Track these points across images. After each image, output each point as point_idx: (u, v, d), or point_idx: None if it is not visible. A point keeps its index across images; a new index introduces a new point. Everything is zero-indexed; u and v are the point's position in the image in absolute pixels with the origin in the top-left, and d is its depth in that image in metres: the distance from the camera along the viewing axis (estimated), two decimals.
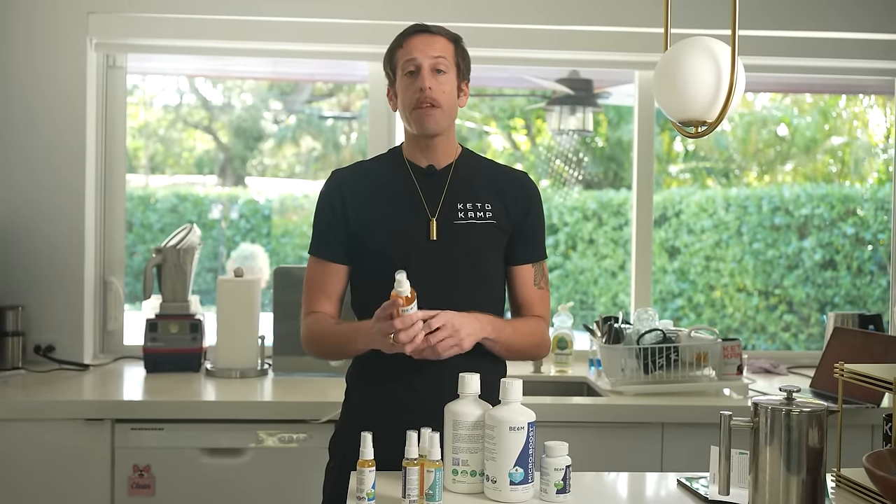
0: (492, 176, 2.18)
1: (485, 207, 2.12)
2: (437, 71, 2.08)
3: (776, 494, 1.64)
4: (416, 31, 2.13)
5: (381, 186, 2.14)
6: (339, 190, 2.15)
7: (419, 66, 2.08)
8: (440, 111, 2.08)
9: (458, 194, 2.12)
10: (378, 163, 2.24)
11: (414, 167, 2.15)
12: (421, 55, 2.08)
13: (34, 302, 3.29)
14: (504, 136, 8.95)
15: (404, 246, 2.07)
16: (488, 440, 1.76)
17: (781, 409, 1.63)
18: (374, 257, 2.09)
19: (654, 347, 2.95)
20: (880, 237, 7.34)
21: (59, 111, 3.31)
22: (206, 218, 8.75)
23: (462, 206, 2.11)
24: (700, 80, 1.84)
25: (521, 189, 2.19)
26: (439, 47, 2.10)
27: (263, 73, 4.98)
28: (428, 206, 2.10)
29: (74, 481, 2.72)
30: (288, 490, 2.75)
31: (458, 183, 2.13)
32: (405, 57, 2.10)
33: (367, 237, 2.10)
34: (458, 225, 2.09)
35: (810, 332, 7.51)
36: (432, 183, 2.13)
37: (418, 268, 2.01)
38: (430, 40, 2.10)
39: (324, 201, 2.17)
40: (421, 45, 2.09)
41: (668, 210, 7.75)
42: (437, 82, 2.08)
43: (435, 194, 2.11)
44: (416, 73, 2.08)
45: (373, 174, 2.18)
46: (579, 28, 3.47)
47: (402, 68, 2.10)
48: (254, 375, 3.14)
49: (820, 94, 7.56)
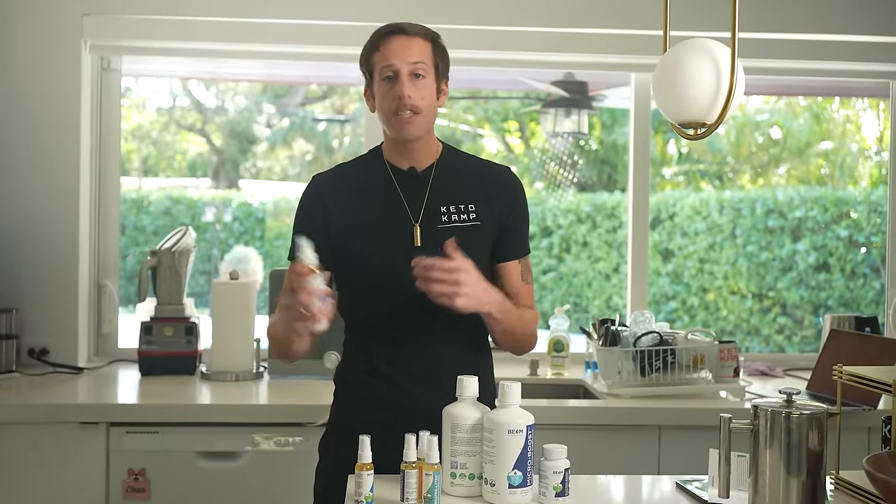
0: (474, 174, 2.15)
1: (468, 209, 2.09)
2: (415, 76, 2.03)
3: (776, 497, 1.64)
4: (391, 33, 2.06)
5: (363, 190, 2.10)
6: (319, 196, 2.11)
7: (397, 72, 2.02)
8: (420, 117, 2.04)
9: (441, 197, 2.09)
10: (358, 165, 2.19)
11: (395, 170, 2.11)
12: (398, 60, 2.02)
13: (28, 305, 3.27)
14: (498, 138, 8.96)
15: (389, 253, 2.04)
16: (487, 443, 1.75)
17: (781, 412, 1.63)
18: (358, 265, 2.07)
19: (650, 350, 2.94)
20: (873, 240, 7.36)
21: (53, 113, 3.29)
22: (199, 221, 8.74)
23: (445, 210, 2.08)
24: (700, 82, 1.84)
25: (505, 185, 2.15)
26: (417, 50, 2.04)
27: (257, 76, 4.97)
28: (411, 211, 2.07)
29: (69, 485, 2.71)
30: (283, 493, 2.74)
31: (440, 184, 2.10)
32: (382, 62, 2.04)
33: (351, 245, 2.06)
34: (442, 229, 2.05)
35: (804, 334, 7.53)
36: (414, 186, 2.09)
37: (403, 274, 1.95)
38: (407, 43, 2.04)
39: (303, 205, 2.13)
40: (398, 49, 2.03)
41: (662, 213, 7.77)
42: (416, 88, 2.02)
43: (417, 198, 2.08)
44: (394, 79, 2.03)
45: (353, 178, 2.14)
46: (575, 30, 3.46)
47: (379, 73, 2.05)
48: (249, 378, 3.13)
49: (813, 97, 7.58)
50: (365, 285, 2.07)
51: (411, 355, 2.05)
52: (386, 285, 2.04)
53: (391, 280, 2.02)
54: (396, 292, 2.00)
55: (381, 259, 2.04)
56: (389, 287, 2.03)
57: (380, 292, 2.05)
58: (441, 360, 2.01)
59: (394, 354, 2.05)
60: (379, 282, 2.05)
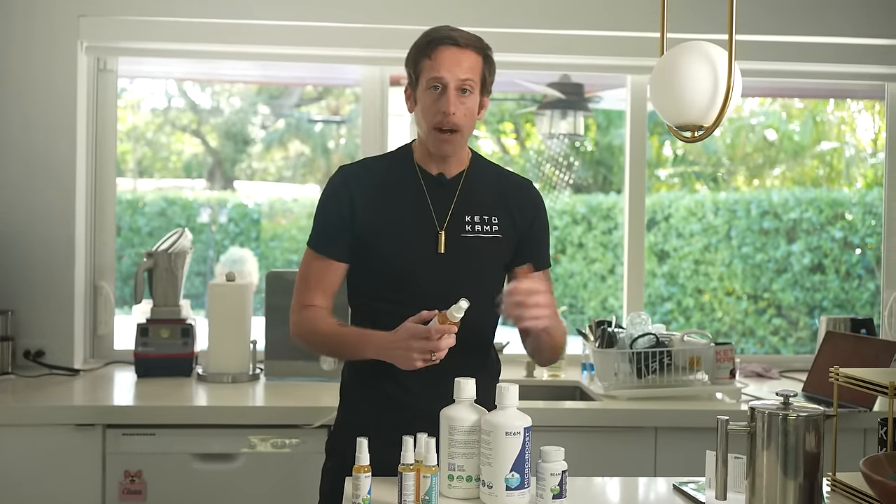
0: (499, 185, 2.16)
1: (492, 221, 2.10)
2: (461, 91, 2.01)
3: (773, 499, 1.64)
4: (445, 42, 2.02)
5: (391, 190, 2.10)
6: (346, 188, 2.09)
7: (445, 86, 2.00)
8: (459, 135, 2.03)
9: (467, 206, 2.10)
10: (387, 162, 2.17)
11: (424, 173, 2.11)
12: (449, 75, 2.00)
13: (24, 306, 3.27)
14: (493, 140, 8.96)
15: (413, 257, 2.05)
16: (484, 445, 1.75)
17: (778, 414, 1.63)
18: (380, 264, 2.07)
19: (647, 351, 2.95)
20: (868, 241, 7.37)
21: (49, 114, 3.29)
22: (194, 222, 8.72)
23: (470, 219, 2.09)
24: (697, 85, 1.84)
25: (527, 198, 2.18)
26: (467, 66, 2.01)
27: (253, 77, 4.96)
28: (437, 218, 2.08)
29: (65, 487, 2.70)
30: (280, 496, 2.73)
31: (467, 193, 2.11)
32: (432, 72, 2.01)
33: (376, 244, 2.06)
34: (465, 238, 2.07)
35: (799, 335, 7.54)
36: (442, 193, 2.10)
37: (424, 279, 2.03)
38: (459, 57, 2.01)
39: (330, 196, 2.11)
40: (450, 61, 2.00)
41: (658, 214, 7.76)
42: (461, 104, 2.01)
43: (444, 205, 2.09)
44: (442, 92, 2.01)
45: (380, 175, 2.13)
46: (572, 32, 3.47)
47: (426, 82, 2.02)
48: (246, 380, 3.13)
49: (808, 100, 7.59)
50: (386, 286, 2.07)
51: None
52: (407, 288, 2.05)
53: (411, 283, 2.04)
54: (416, 295, 2.01)
55: (406, 262, 2.05)
56: (410, 290, 2.04)
57: (399, 295, 2.05)
58: (451, 362, 2.01)
59: None
60: (400, 284, 2.05)
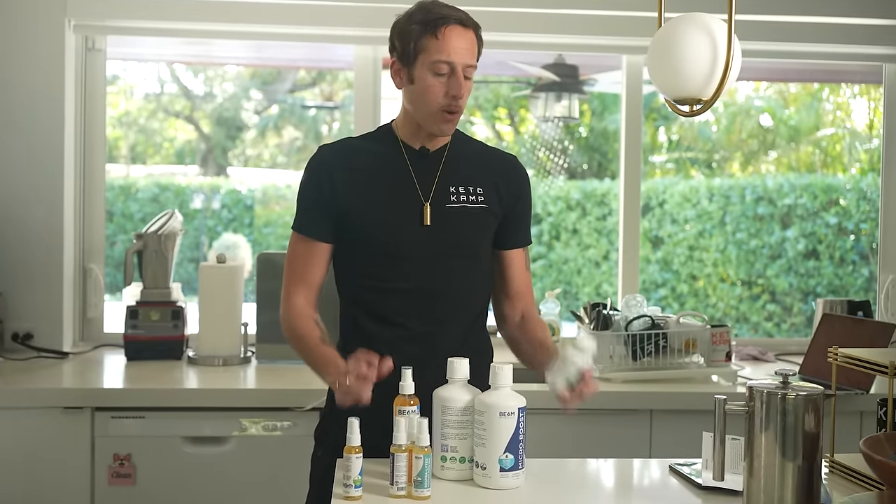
0: (483, 159, 2.13)
1: (477, 191, 2.07)
2: (465, 77, 1.98)
3: (771, 480, 1.61)
4: (451, 21, 1.96)
5: (372, 166, 2.06)
6: (326, 166, 2.06)
7: (454, 70, 1.96)
8: (457, 115, 2.01)
9: (452, 177, 2.06)
10: (367, 141, 2.13)
11: (407, 148, 2.07)
12: (458, 59, 1.95)
13: (12, 289, 3.23)
14: (488, 126, 8.92)
15: (398, 231, 2.02)
16: (478, 426, 1.73)
17: (777, 393, 1.60)
18: (365, 241, 2.03)
19: (642, 334, 2.93)
20: (862, 227, 7.36)
21: (36, 94, 3.24)
22: (187, 208, 8.68)
23: (454, 190, 2.05)
24: (696, 57, 1.81)
25: (512, 173, 2.14)
26: (472, 49, 1.98)
27: (245, 59, 4.92)
28: (421, 190, 2.05)
29: (53, 470, 2.68)
30: (272, 479, 2.71)
31: (450, 165, 2.08)
32: (439, 55, 1.94)
33: (359, 221, 2.02)
34: (450, 209, 2.04)
35: (793, 321, 7.53)
36: (425, 166, 2.06)
37: (411, 252, 2.00)
38: (466, 39, 1.96)
39: (310, 176, 2.07)
40: (459, 44, 1.95)
41: (652, 200, 7.75)
42: (465, 88, 1.98)
43: (428, 177, 2.05)
44: (449, 75, 1.96)
45: (361, 152, 2.09)
46: (566, 11, 3.43)
47: (431, 64, 1.95)
48: (237, 363, 3.10)
49: (804, 84, 7.57)
50: (370, 262, 2.03)
51: (412, 335, 2.01)
52: (393, 264, 2.02)
53: (398, 259, 2.01)
54: (402, 272, 2.00)
55: (391, 236, 2.02)
56: (395, 267, 2.01)
57: (385, 271, 2.02)
58: (442, 341, 1.99)
59: (394, 334, 2.01)
60: (385, 260, 2.02)
